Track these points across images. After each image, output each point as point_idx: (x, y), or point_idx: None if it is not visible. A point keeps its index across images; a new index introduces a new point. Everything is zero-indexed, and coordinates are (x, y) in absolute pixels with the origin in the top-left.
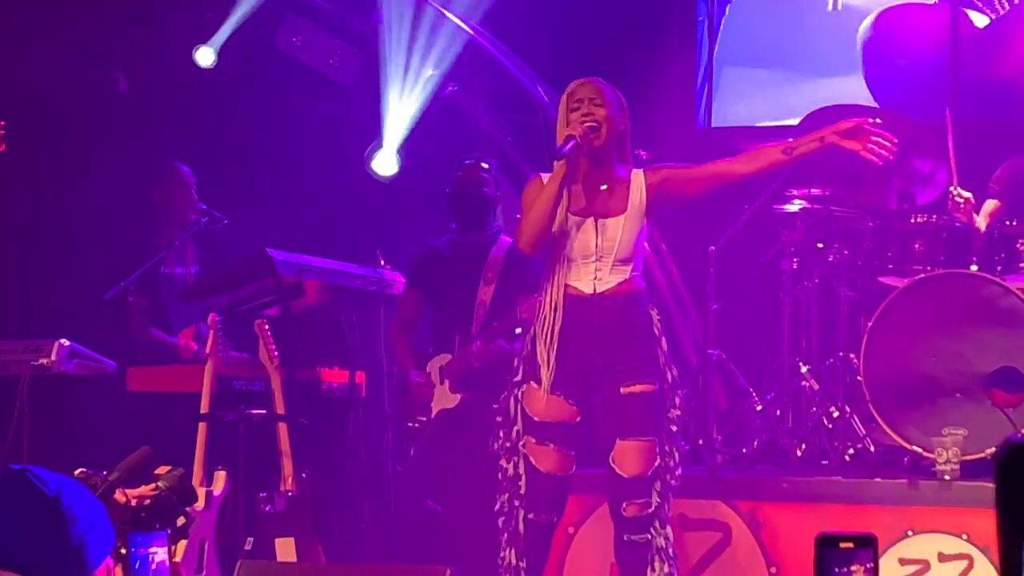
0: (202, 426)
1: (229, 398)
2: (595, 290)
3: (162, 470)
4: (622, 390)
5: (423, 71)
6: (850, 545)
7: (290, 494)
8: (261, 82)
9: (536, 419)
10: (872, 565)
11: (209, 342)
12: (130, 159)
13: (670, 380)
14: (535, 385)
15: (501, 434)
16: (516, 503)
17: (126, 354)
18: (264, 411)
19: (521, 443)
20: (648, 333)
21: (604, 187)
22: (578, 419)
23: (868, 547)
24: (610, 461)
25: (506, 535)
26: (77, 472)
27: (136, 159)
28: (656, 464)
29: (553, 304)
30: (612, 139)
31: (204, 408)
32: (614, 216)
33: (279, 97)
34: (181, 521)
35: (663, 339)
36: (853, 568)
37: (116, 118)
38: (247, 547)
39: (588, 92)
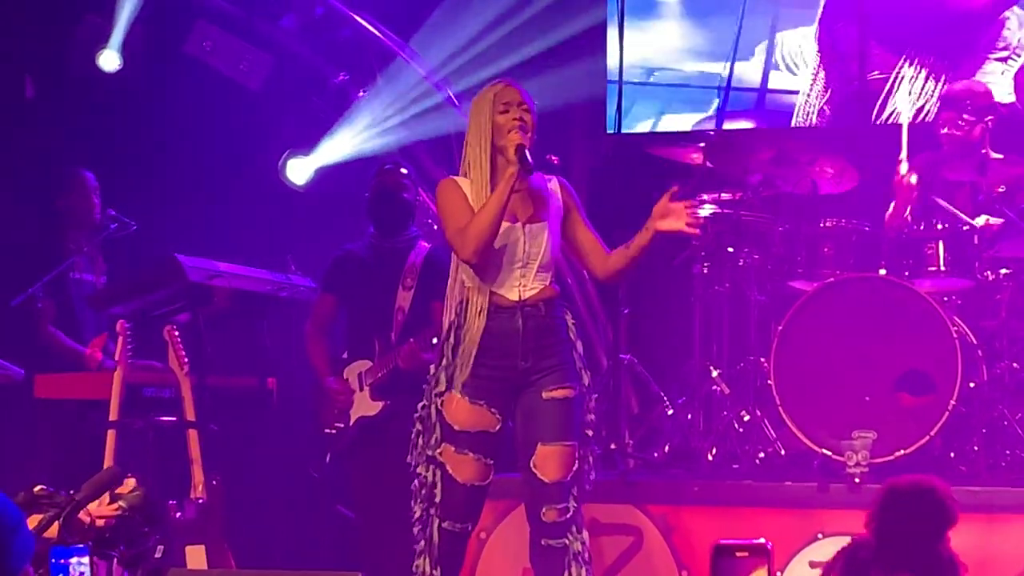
0: (111, 433)
1: (138, 405)
2: (520, 297)
3: (124, 489)
4: (544, 395)
5: (400, 127)
6: (745, 554)
7: (200, 501)
8: (171, 87)
9: (456, 428)
10: (767, 572)
11: (118, 349)
12: (39, 165)
13: (587, 384)
14: (457, 394)
15: (420, 442)
16: (432, 512)
17: (34, 361)
18: (174, 418)
19: (439, 451)
20: (567, 338)
21: (524, 192)
22: (498, 427)
23: (763, 556)
24: (531, 466)
25: (421, 543)
26: (37, 489)
27: (45, 165)
28: (575, 468)
29: (479, 311)
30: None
31: (113, 415)
32: (540, 222)
33: (189, 102)
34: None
35: (579, 343)
36: None
37: (24, 124)
38: (157, 555)
39: (515, 96)
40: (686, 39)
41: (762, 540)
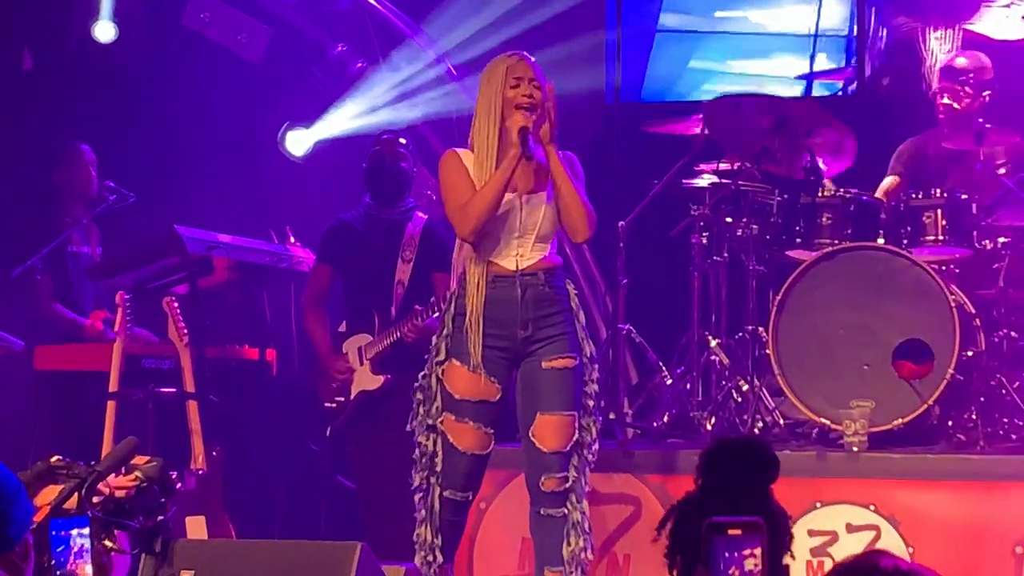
0: (111, 404)
1: (138, 376)
2: (517, 267)
3: (140, 460)
4: (544, 364)
5: (405, 108)
6: (738, 532)
7: (200, 472)
8: (169, 59)
9: (456, 396)
10: (761, 550)
11: (117, 320)
12: (36, 137)
13: (588, 354)
14: (457, 363)
15: (421, 411)
16: (432, 480)
17: (34, 332)
18: (174, 389)
19: (440, 420)
20: (568, 308)
21: (528, 164)
22: (498, 396)
23: (757, 533)
24: (530, 435)
25: (422, 512)
26: (53, 460)
27: (43, 137)
28: (575, 439)
29: (477, 283)
30: (540, 119)
31: (113, 386)
32: (539, 193)
33: (187, 74)
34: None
35: (581, 313)
36: (745, 553)
37: (22, 96)
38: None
39: (527, 71)
40: None
41: (756, 517)
